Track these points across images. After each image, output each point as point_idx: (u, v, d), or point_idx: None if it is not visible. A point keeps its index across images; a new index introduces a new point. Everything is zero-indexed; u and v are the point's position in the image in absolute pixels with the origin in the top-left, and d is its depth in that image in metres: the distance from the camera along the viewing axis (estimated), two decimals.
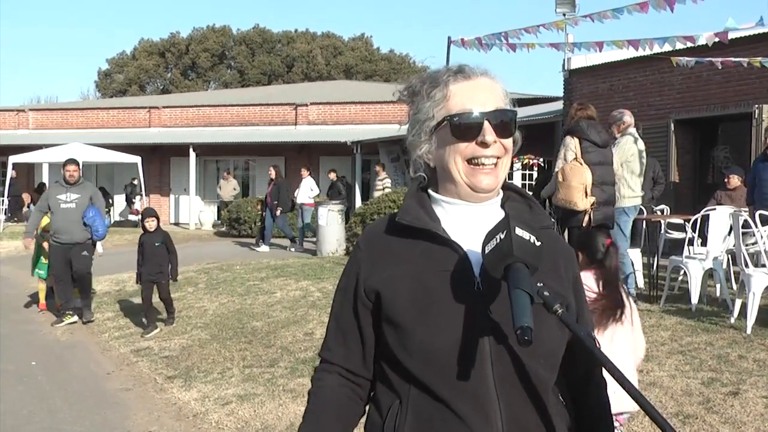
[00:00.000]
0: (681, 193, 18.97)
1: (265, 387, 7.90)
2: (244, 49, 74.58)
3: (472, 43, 12.53)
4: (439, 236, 2.10)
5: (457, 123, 2.08)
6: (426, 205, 2.19)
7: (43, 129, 40.56)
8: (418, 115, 2.17)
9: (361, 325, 2.19)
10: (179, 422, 7.18)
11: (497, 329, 2.00)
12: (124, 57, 78.02)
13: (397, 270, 2.11)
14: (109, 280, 16.16)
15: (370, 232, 2.30)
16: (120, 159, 31.66)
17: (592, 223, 9.28)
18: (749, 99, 16.66)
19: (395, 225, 2.18)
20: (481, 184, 2.10)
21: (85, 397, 8.13)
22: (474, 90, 2.12)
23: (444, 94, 2.12)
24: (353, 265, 2.24)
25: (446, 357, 1.99)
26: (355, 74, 70.57)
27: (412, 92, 2.22)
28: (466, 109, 2.08)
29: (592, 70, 21.55)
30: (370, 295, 2.15)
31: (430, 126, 2.14)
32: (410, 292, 2.06)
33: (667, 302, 10.57)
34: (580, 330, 1.88)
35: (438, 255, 2.09)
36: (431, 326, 2.01)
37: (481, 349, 2.00)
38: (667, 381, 7.17)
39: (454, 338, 2.00)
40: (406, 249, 2.14)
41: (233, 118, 38.54)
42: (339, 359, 2.25)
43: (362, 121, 36.13)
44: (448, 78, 2.14)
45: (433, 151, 2.17)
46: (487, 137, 2.07)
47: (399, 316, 2.06)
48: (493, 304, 2.02)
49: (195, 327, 11.07)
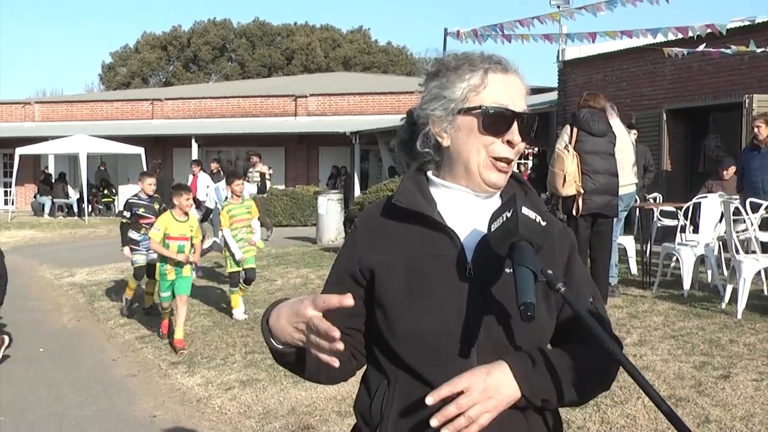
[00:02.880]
0: (673, 181, 19.07)
1: (266, 372, 7.96)
2: (245, 42, 74.41)
3: (468, 34, 12.63)
4: (433, 220, 2.09)
5: (491, 115, 2.07)
6: (423, 188, 2.18)
7: (49, 121, 40.62)
8: (445, 92, 2.12)
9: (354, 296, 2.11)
10: (183, 407, 7.25)
11: (487, 315, 2.01)
12: (128, 50, 77.84)
13: (391, 253, 2.11)
14: (114, 268, 16.27)
15: (367, 214, 2.28)
16: (124, 150, 31.78)
17: (580, 211, 9.38)
18: (740, 89, 16.76)
19: (391, 207, 2.17)
20: (492, 179, 2.11)
21: (91, 383, 8.21)
22: (510, 86, 2.11)
23: (482, 80, 2.09)
24: (350, 246, 2.24)
25: (433, 340, 2.00)
26: (354, 66, 70.33)
27: (445, 67, 2.16)
28: (501, 104, 2.07)
29: (586, 61, 21.63)
30: (365, 273, 2.14)
31: (458, 107, 2.10)
32: (402, 275, 2.06)
33: (660, 288, 10.69)
34: (581, 308, 1.88)
35: (432, 239, 2.09)
36: (420, 310, 2.02)
37: (469, 334, 2.00)
38: (660, 365, 7.25)
39: (442, 322, 2.01)
40: (401, 232, 2.13)
41: (234, 110, 38.59)
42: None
43: (361, 111, 36.14)
44: (489, 66, 2.11)
45: (451, 131, 2.13)
46: (516, 137, 2.08)
47: (389, 299, 2.07)
48: (484, 290, 2.03)
49: (198, 314, 11.17)
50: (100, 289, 14.02)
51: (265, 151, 35.16)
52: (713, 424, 5.78)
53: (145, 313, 11.39)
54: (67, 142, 31.11)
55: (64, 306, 12.82)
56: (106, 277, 15.36)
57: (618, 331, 8.52)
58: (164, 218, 9.62)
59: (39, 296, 13.84)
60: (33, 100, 46.05)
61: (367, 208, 2.32)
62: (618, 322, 8.96)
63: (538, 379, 1.95)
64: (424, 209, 2.11)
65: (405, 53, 76.15)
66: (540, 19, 12.03)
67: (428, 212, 2.11)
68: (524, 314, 1.77)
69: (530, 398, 1.94)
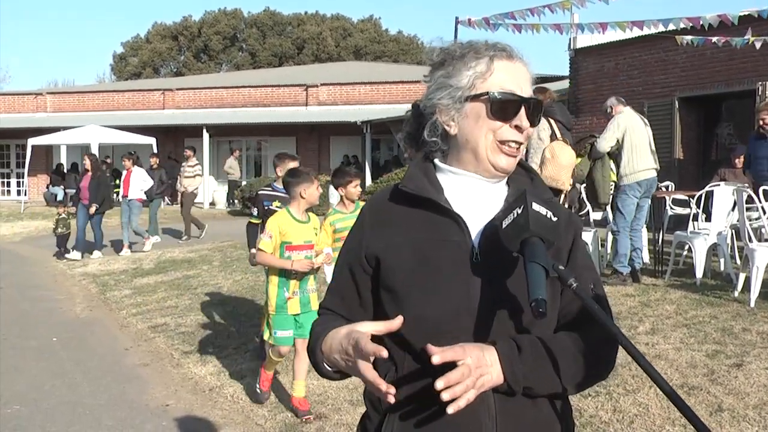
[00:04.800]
0: (685, 169, 19.03)
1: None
2: (255, 32, 74.37)
3: (480, 23, 12.61)
4: (440, 206, 2.11)
5: (499, 101, 2.08)
6: (430, 174, 2.20)
7: (61, 112, 40.69)
8: (451, 80, 2.14)
9: (360, 289, 2.22)
10: (195, 396, 7.29)
11: (493, 300, 2.03)
12: (139, 40, 77.91)
13: (398, 238, 2.13)
14: (127, 258, 16.38)
15: (374, 199, 2.31)
16: (135, 140, 31.80)
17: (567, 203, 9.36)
18: (753, 77, 16.71)
19: (398, 193, 2.19)
20: (502, 163, 2.12)
21: (104, 372, 8.26)
22: (516, 73, 2.13)
23: (488, 67, 2.11)
24: (357, 231, 2.26)
25: (439, 325, 2.02)
26: (364, 55, 70.26)
27: (450, 56, 2.17)
28: (508, 90, 2.09)
29: (598, 49, 21.56)
30: (371, 261, 2.17)
31: (465, 94, 2.12)
32: (408, 260, 2.08)
33: (672, 276, 10.67)
34: (594, 303, 1.88)
35: (438, 224, 2.10)
36: (426, 294, 2.04)
37: (475, 318, 2.02)
38: (673, 353, 7.24)
39: (447, 307, 2.03)
40: (408, 217, 2.15)
41: (245, 100, 38.60)
42: (337, 311, 2.28)
43: (371, 101, 36.10)
44: (495, 53, 2.12)
45: (459, 119, 2.14)
46: (524, 122, 2.10)
47: (396, 284, 2.09)
48: (490, 275, 2.04)
49: (210, 304, 11.22)
50: (113, 278, 14.08)
51: (276, 141, 35.44)
52: (726, 413, 5.77)
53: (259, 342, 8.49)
54: (79, 133, 31.14)
55: (77, 296, 12.89)
56: (118, 267, 15.43)
57: (630, 320, 8.52)
58: (279, 219, 6.63)
59: (52, 286, 13.92)
60: (45, 90, 46.17)
61: (375, 195, 2.35)
62: (630, 311, 8.95)
63: (523, 366, 1.96)
64: (430, 194, 2.13)
65: (416, 42, 75.95)
66: (551, 8, 11.99)
67: (435, 197, 2.12)
68: (536, 311, 1.78)
69: (512, 384, 1.96)
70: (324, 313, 2.32)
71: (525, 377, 1.97)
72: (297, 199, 6.58)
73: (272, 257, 6.49)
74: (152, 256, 16.48)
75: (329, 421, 6.32)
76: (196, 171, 20.92)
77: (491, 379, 1.93)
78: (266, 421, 6.46)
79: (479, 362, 1.90)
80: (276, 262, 6.52)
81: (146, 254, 16.81)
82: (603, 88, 21.09)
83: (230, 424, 6.50)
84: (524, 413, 2.03)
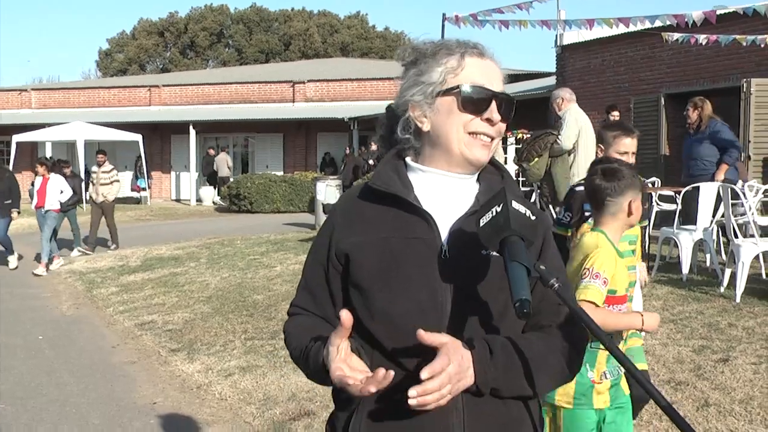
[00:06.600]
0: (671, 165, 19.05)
1: (266, 359, 7.98)
2: (242, 28, 74.26)
3: (467, 19, 12.63)
4: (409, 203, 2.13)
5: (469, 95, 2.10)
6: (400, 172, 2.22)
7: (46, 108, 40.73)
8: (423, 77, 2.17)
9: (330, 287, 2.23)
10: (183, 394, 7.27)
11: (460, 298, 2.06)
12: (124, 37, 77.69)
13: (367, 235, 2.15)
14: (113, 255, 16.34)
15: (346, 197, 2.34)
16: (121, 137, 31.80)
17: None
18: (737, 73, 16.77)
19: (369, 190, 2.21)
20: (475, 155, 2.13)
21: (91, 370, 8.24)
22: (487, 69, 2.16)
23: (459, 63, 2.13)
24: (327, 228, 2.27)
25: (407, 321, 2.03)
26: (351, 52, 70.22)
27: (422, 54, 2.21)
28: (478, 83, 2.11)
29: (584, 46, 21.61)
30: (341, 258, 2.19)
31: (437, 89, 2.14)
32: (377, 257, 2.11)
33: (659, 272, 10.66)
34: (575, 305, 1.90)
35: (407, 222, 2.13)
36: (393, 291, 2.07)
37: (442, 315, 2.05)
38: (660, 349, 7.27)
39: (415, 303, 2.05)
40: (378, 215, 2.17)
41: (232, 96, 38.60)
42: (309, 308, 2.30)
43: (359, 97, 36.19)
44: (465, 50, 2.16)
45: (431, 115, 2.16)
46: (494, 115, 2.11)
47: (364, 280, 2.11)
48: (458, 273, 2.07)
49: (197, 301, 11.19)
50: (99, 276, 14.04)
51: (263, 137, 35.47)
52: (712, 408, 5.81)
53: None
54: (65, 129, 31.10)
55: (63, 293, 12.86)
56: (104, 264, 15.38)
57: None
58: (604, 255, 3.75)
59: (38, 284, 13.88)
60: (30, 87, 46.01)
61: (346, 193, 2.39)
62: None
63: (493, 369, 1.97)
64: (400, 192, 2.15)
65: (403, 39, 75.87)
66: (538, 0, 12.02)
67: (404, 195, 2.14)
68: (520, 311, 1.79)
69: (480, 386, 1.97)
70: (295, 312, 2.33)
71: (494, 380, 1.98)
72: (618, 216, 3.93)
73: (608, 313, 3.74)
74: (138, 253, 16.42)
75: (317, 418, 6.32)
76: (112, 177, 18.28)
77: (466, 383, 1.94)
78: (254, 419, 6.44)
79: (459, 368, 1.91)
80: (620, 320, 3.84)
81: (132, 252, 16.73)
82: (590, 84, 21.14)
83: (218, 422, 6.49)
84: (492, 412, 2.06)
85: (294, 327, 2.29)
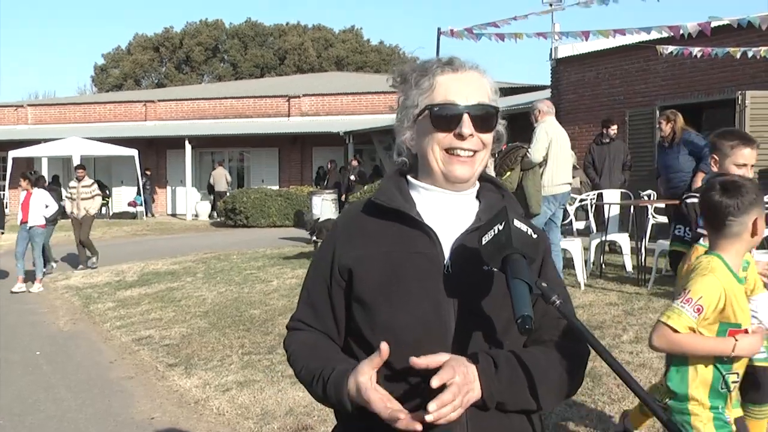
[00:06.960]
0: None
1: (264, 373, 7.95)
2: (237, 43, 74.45)
3: (462, 33, 12.65)
4: (411, 218, 2.15)
5: (437, 113, 2.13)
6: (402, 188, 2.25)
7: (42, 124, 40.72)
8: (406, 102, 2.22)
9: (333, 301, 2.24)
10: (181, 409, 7.25)
11: (462, 312, 2.07)
12: (120, 52, 77.86)
13: (370, 249, 2.16)
14: (110, 271, 16.32)
15: (347, 212, 2.37)
16: (117, 152, 31.83)
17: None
18: (732, 85, 16.83)
19: (372, 205, 2.24)
20: (455, 172, 2.15)
21: (89, 385, 8.21)
22: (459, 83, 2.16)
23: (431, 83, 2.16)
24: (329, 243, 2.29)
25: (409, 335, 2.05)
26: (346, 66, 70.40)
27: (403, 79, 2.26)
28: (447, 101, 2.13)
29: (579, 59, 21.65)
30: (343, 273, 2.20)
31: (414, 113, 2.19)
32: (380, 271, 2.12)
33: (656, 285, 10.72)
34: (577, 322, 1.91)
35: (410, 237, 2.15)
36: (396, 306, 2.08)
37: (445, 330, 2.06)
38: (657, 362, 7.21)
39: (417, 318, 2.06)
40: (380, 229, 2.19)
41: (227, 111, 38.68)
42: (310, 323, 2.30)
43: (354, 111, 36.29)
44: (437, 69, 2.18)
45: (414, 137, 2.23)
46: (464, 130, 2.11)
47: (367, 295, 2.13)
48: (460, 288, 2.08)
49: (194, 316, 11.17)
50: (96, 291, 14.03)
51: (258, 152, 35.54)
52: None
53: None
54: (61, 145, 31.13)
55: (60, 309, 12.84)
56: (101, 279, 15.38)
57: (614, 329, 8.55)
58: (709, 282, 3.44)
59: (35, 299, 13.86)
60: (26, 102, 46.12)
61: (348, 207, 2.45)
62: (614, 320, 8.98)
63: (498, 382, 1.99)
64: (402, 207, 2.18)
65: (398, 53, 76.14)
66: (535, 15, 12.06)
67: (405, 209, 2.17)
68: (522, 328, 1.81)
69: (486, 401, 1.99)
70: (297, 326, 2.34)
71: (499, 393, 2.00)
72: (742, 236, 3.50)
73: (693, 337, 3.48)
74: (135, 268, 16.42)
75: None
76: (93, 191, 18.01)
77: (474, 396, 1.96)
78: None
79: (466, 380, 1.93)
80: (705, 344, 3.51)
81: (129, 267, 16.73)
82: (584, 97, 21.20)
83: None
84: (496, 426, 2.07)
85: (297, 345, 2.29)
